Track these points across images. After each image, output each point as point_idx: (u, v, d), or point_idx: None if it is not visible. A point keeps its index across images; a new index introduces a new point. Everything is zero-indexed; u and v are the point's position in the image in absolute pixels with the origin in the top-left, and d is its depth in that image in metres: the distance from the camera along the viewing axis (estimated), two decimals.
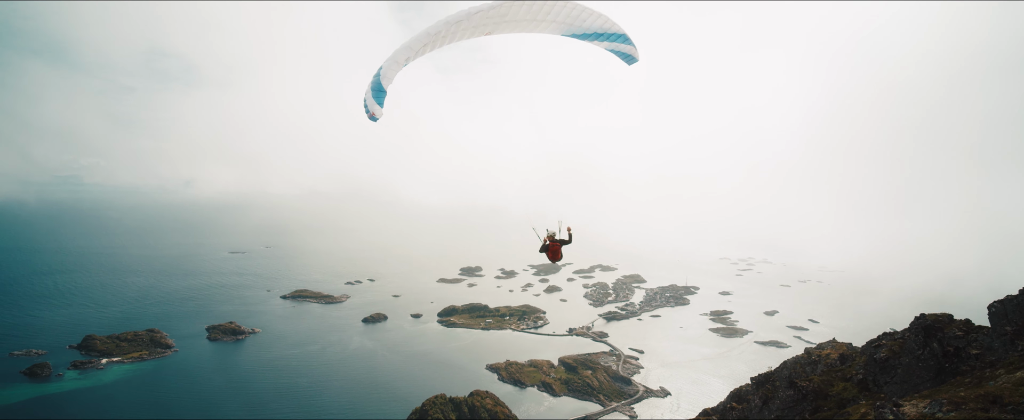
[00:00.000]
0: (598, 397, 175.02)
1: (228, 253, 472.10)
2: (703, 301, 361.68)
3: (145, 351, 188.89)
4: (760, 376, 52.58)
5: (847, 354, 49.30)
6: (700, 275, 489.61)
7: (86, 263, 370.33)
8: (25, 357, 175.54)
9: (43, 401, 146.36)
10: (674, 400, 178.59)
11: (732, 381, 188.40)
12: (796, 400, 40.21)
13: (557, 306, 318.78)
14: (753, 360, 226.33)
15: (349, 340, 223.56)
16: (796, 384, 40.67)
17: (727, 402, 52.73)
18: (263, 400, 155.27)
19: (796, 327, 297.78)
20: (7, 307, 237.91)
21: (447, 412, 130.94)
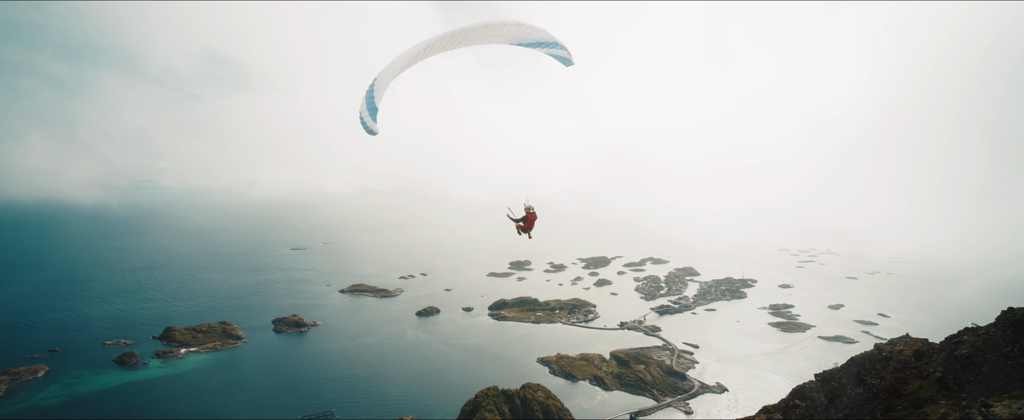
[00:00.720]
0: (652, 392, 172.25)
1: (290, 250, 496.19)
2: (761, 294, 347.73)
3: (218, 342, 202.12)
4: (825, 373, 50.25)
5: (923, 351, 46.27)
6: (758, 267, 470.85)
7: (163, 260, 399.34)
8: (115, 346, 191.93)
9: (132, 387, 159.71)
10: (732, 396, 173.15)
11: (794, 378, 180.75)
12: (866, 398, 38.23)
13: (607, 299, 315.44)
14: (816, 356, 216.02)
15: (404, 333, 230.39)
16: (866, 381, 38.66)
17: (789, 399, 50.66)
18: (326, 389, 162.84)
19: (864, 322, 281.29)
20: (98, 301, 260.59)
21: (499, 404, 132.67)
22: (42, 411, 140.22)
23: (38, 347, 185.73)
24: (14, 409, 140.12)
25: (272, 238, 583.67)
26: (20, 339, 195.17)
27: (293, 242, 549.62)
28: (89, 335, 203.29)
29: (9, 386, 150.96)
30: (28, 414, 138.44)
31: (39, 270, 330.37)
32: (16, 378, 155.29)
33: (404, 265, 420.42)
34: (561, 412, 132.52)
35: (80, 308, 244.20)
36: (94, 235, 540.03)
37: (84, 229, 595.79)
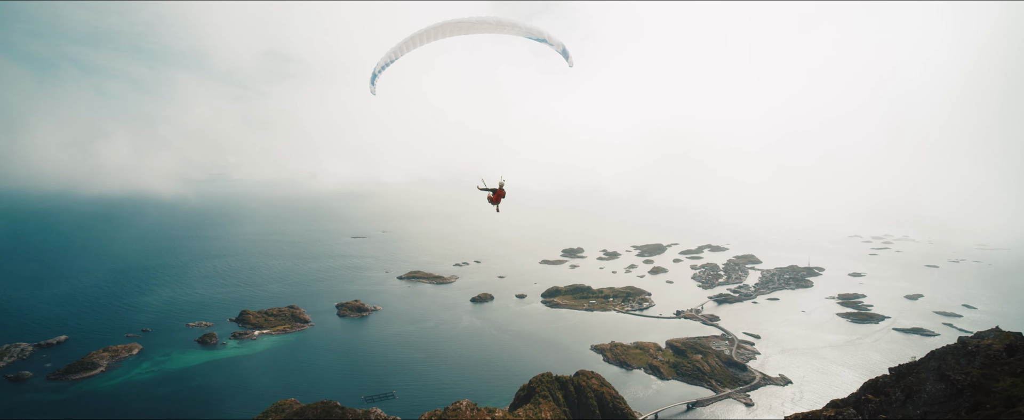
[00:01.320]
0: (710, 382, 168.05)
1: (350, 238, 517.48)
2: (829, 283, 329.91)
3: (288, 325, 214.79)
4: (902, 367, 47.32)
5: (1016, 345, 42.71)
6: (825, 255, 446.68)
7: (236, 248, 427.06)
8: (197, 328, 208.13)
9: (213, 364, 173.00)
10: (796, 389, 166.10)
11: (865, 372, 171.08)
12: (948, 395, 35.80)
13: (663, 288, 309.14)
14: (891, 350, 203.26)
15: (459, 318, 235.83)
16: (948, 377, 36.19)
17: (860, 394, 48.08)
18: (386, 371, 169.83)
19: (946, 313, 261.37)
20: (181, 286, 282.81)
21: (553, 390, 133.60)
22: (139, 385, 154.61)
23: (132, 327, 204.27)
24: (115, 383, 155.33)
25: (334, 227, 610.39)
26: (117, 320, 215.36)
27: (353, 231, 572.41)
28: (175, 317, 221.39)
29: (110, 362, 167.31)
30: (127, 388, 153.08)
31: (129, 258, 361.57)
32: (115, 355, 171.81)
33: (458, 253, 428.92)
34: (615, 400, 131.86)
35: (166, 292, 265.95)
36: (174, 225, 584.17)
37: (166, 220, 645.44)
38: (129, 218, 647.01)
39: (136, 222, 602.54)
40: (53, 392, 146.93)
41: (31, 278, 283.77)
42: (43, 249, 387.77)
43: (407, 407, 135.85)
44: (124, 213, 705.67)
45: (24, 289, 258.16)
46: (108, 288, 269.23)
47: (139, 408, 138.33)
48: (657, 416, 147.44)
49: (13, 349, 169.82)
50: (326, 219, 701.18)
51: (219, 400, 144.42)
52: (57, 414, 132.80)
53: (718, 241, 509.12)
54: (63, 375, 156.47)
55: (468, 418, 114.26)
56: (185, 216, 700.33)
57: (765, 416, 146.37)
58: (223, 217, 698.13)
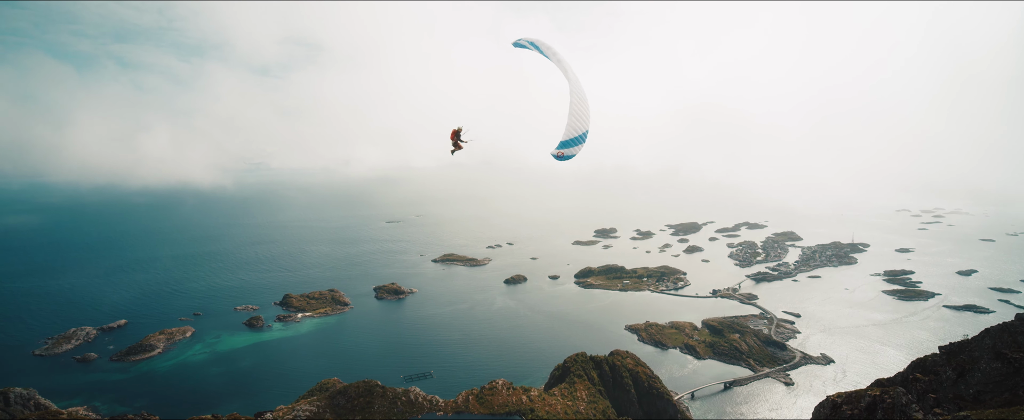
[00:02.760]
0: (748, 362, 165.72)
1: (385, 223, 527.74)
2: (875, 260, 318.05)
3: (329, 307, 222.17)
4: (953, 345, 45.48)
5: None
6: (870, 230, 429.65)
7: (276, 235, 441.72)
8: (244, 311, 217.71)
9: (261, 346, 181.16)
10: (838, 368, 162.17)
11: (912, 351, 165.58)
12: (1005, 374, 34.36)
13: (698, 267, 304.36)
14: (940, 328, 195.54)
15: (493, 300, 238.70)
16: (1005, 355, 34.71)
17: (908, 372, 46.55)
18: (424, 351, 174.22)
19: (1002, 289, 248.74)
20: (227, 271, 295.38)
21: (588, 370, 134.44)
22: (193, 366, 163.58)
23: (184, 311, 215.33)
24: (171, 364, 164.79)
25: (369, 212, 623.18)
26: (170, 304, 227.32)
27: (388, 215, 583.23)
28: (223, 301, 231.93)
29: (166, 344, 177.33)
30: (183, 368, 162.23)
31: (176, 245, 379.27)
32: (170, 337, 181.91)
33: (491, 235, 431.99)
34: (651, 379, 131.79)
35: (213, 277, 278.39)
36: (215, 214, 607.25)
37: (207, 209, 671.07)
38: (172, 208, 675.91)
39: (179, 212, 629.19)
40: (117, 372, 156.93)
41: (89, 266, 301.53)
42: (97, 239, 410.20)
43: (445, 386, 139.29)
44: (167, 203, 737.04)
45: (84, 277, 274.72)
46: (160, 275, 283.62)
47: (195, 387, 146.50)
48: (694, 395, 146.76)
49: (79, 332, 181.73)
50: (361, 205, 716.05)
51: (267, 379, 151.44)
52: (123, 392, 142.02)
53: (755, 218, 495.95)
54: (125, 356, 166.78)
55: (504, 397, 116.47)
56: (225, 205, 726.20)
57: (805, 395, 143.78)
58: (262, 205, 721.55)
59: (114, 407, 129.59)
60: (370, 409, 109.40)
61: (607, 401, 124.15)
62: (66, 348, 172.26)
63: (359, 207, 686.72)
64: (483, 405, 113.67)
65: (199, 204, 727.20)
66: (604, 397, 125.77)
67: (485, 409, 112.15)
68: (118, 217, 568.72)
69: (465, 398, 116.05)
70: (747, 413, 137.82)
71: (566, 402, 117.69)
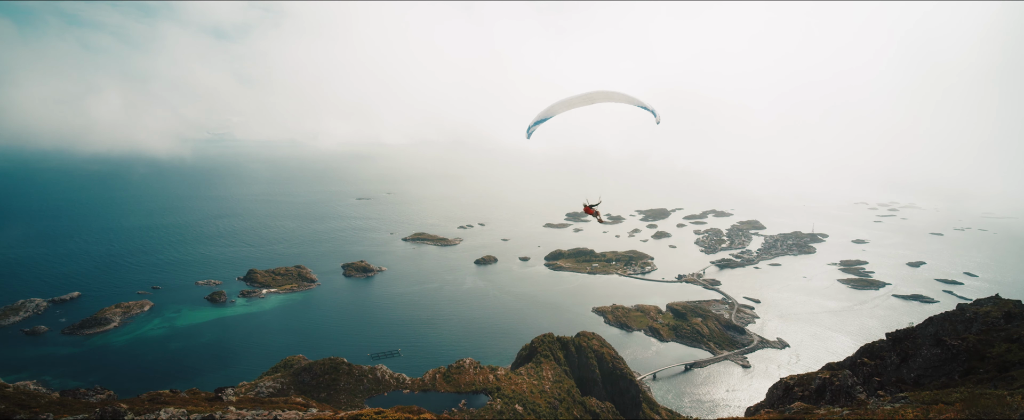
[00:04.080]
0: (708, 345, 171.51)
1: (355, 199, 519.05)
2: (832, 250, 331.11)
3: (295, 284, 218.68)
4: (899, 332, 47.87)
5: (1015, 313, 43.03)
6: (830, 221, 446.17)
7: (240, 209, 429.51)
8: (207, 286, 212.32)
9: (223, 321, 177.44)
10: (793, 352, 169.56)
11: (862, 338, 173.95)
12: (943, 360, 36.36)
13: (666, 252, 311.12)
14: (888, 316, 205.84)
15: (463, 280, 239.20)
16: (944, 342, 36.67)
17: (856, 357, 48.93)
18: (392, 330, 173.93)
19: (947, 280, 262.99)
20: (188, 245, 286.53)
21: (555, 350, 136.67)
22: (152, 340, 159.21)
23: (142, 284, 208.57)
24: (128, 338, 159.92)
25: (339, 188, 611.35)
26: (127, 277, 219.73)
27: (358, 192, 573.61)
28: (183, 275, 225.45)
29: (122, 318, 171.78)
30: (140, 343, 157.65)
31: (132, 216, 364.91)
32: (127, 311, 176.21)
33: (462, 215, 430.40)
34: (615, 360, 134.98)
35: (173, 251, 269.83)
36: (174, 185, 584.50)
37: (165, 179, 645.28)
38: (127, 177, 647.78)
39: (135, 182, 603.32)
40: (69, 346, 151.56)
41: (37, 236, 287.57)
42: (46, 207, 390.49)
43: (412, 365, 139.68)
44: (122, 172, 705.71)
45: (32, 247, 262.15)
46: (115, 246, 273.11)
47: (153, 362, 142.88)
48: (656, 376, 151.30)
49: (28, 304, 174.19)
50: (330, 180, 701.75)
51: (230, 355, 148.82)
52: (75, 366, 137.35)
53: (722, 206, 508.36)
54: (78, 329, 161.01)
55: (471, 376, 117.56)
56: (183, 176, 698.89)
57: (761, 378, 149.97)
58: (224, 177, 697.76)
59: (66, 381, 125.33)
60: (336, 386, 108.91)
61: (572, 381, 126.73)
62: (14, 320, 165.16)
63: (328, 182, 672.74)
64: (450, 383, 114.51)
65: (152, 173, 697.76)
66: (569, 377, 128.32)
67: (452, 387, 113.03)
68: (68, 185, 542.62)
69: (432, 376, 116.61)
70: (705, 394, 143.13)
71: (532, 381, 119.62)
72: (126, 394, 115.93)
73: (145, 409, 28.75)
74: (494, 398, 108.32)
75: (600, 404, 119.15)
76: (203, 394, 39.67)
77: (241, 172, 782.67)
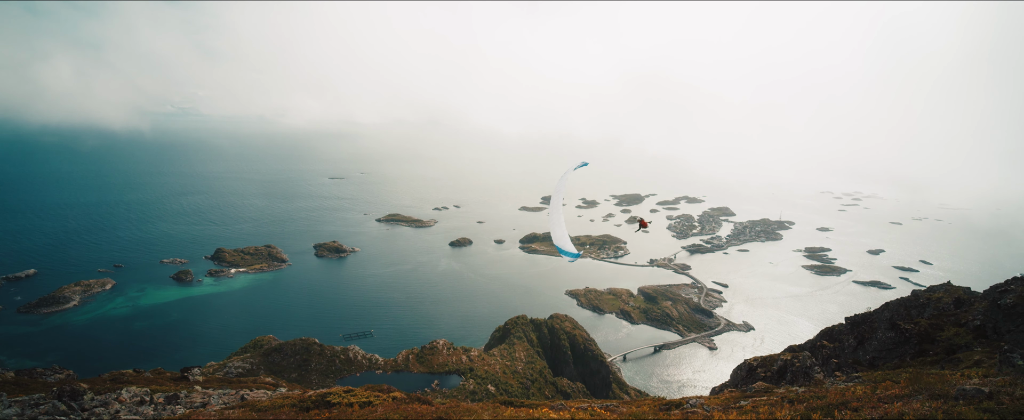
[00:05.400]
0: (677, 327, 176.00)
1: (328, 179, 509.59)
2: (798, 237, 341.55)
3: (264, 263, 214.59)
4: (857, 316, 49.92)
5: (964, 299, 45.24)
6: (797, 210, 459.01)
7: (209, 186, 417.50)
8: (172, 265, 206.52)
9: (189, 301, 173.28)
10: (757, 335, 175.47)
11: (822, 322, 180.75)
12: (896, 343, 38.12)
13: (638, 237, 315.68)
14: (848, 302, 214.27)
15: (437, 262, 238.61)
16: (898, 326, 38.38)
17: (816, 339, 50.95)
18: (364, 311, 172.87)
19: (904, 268, 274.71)
20: (152, 222, 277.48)
21: (528, 332, 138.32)
22: (114, 320, 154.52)
23: (103, 262, 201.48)
24: (89, 317, 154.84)
25: (310, 167, 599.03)
26: (86, 254, 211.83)
27: (330, 171, 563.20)
28: (147, 253, 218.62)
29: (82, 296, 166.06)
30: (102, 322, 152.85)
31: (89, 192, 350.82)
32: (87, 289, 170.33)
33: (438, 197, 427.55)
34: (587, 342, 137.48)
35: (137, 228, 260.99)
36: (134, 161, 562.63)
37: (122, 154, 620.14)
38: (82, 150, 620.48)
39: (86, 155, 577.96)
40: (26, 325, 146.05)
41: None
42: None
43: (385, 346, 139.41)
44: (74, 145, 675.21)
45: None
46: (72, 223, 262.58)
47: (115, 341, 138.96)
48: (626, 357, 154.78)
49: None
50: (300, 159, 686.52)
51: (197, 335, 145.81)
52: (32, 346, 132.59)
53: (694, 193, 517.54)
54: (35, 308, 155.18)
55: (445, 357, 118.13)
56: (144, 150, 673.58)
57: (726, 359, 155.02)
58: (188, 153, 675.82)
59: (22, 361, 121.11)
60: (307, 367, 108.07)
61: (545, 362, 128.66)
62: None
63: (299, 161, 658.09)
64: (423, 364, 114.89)
65: (102, 146, 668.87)
66: (542, 358, 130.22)
67: (425, 368, 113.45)
68: (17, 157, 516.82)
69: (405, 357, 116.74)
70: (673, 375, 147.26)
71: (505, 362, 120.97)
72: (87, 374, 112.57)
73: (106, 388, 27.92)
74: (467, 378, 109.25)
75: (571, 384, 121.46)
76: (168, 374, 38.79)
77: (205, 148, 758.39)
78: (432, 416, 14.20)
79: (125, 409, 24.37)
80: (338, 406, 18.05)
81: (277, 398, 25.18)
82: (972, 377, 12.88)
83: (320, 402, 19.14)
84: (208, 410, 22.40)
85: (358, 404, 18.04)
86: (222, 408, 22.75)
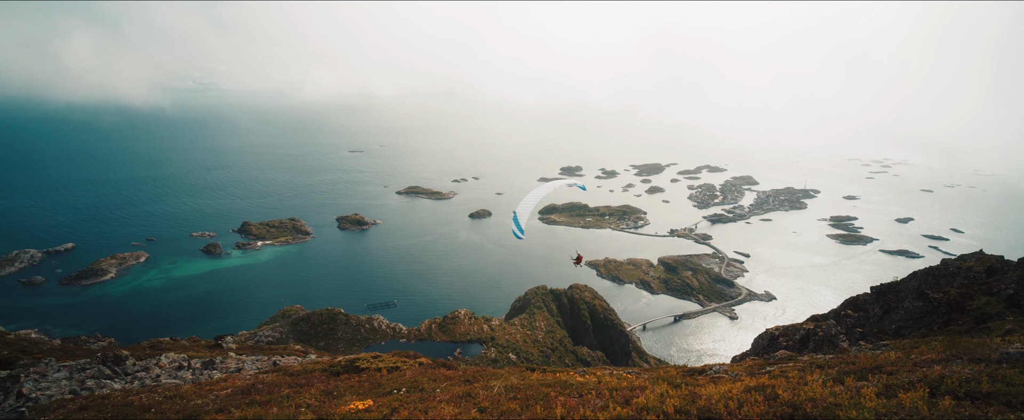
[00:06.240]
0: (697, 297, 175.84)
1: (348, 152, 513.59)
2: (823, 205, 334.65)
3: (289, 236, 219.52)
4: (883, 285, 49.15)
5: (996, 267, 44.04)
6: (822, 178, 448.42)
7: (232, 161, 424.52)
8: (201, 238, 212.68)
9: (219, 273, 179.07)
10: (779, 305, 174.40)
11: (847, 292, 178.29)
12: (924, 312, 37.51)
13: (659, 207, 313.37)
14: (873, 272, 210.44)
15: (457, 233, 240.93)
16: (926, 295, 37.69)
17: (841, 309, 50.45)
18: (387, 282, 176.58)
19: (933, 237, 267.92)
20: (178, 197, 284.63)
21: (548, 302, 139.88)
22: (149, 291, 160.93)
23: (135, 236, 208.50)
24: (126, 289, 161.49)
25: (330, 140, 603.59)
26: (121, 228, 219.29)
27: (350, 144, 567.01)
28: (177, 227, 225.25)
29: (119, 269, 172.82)
30: (138, 294, 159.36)
31: (118, 168, 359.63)
32: (123, 262, 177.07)
33: (456, 168, 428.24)
34: (606, 312, 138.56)
35: (166, 203, 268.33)
36: (158, 137, 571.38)
37: (145, 130, 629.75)
38: (102, 127, 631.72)
39: (110, 132, 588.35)
40: (67, 296, 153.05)
41: (21, 187, 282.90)
42: (23, 157, 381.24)
43: (408, 315, 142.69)
44: (97, 121, 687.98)
45: (18, 197, 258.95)
46: (105, 198, 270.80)
47: (151, 311, 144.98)
48: (645, 327, 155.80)
49: (23, 255, 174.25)
50: (320, 132, 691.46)
51: (227, 306, 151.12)
52: (74, 316, 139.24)
53: (716, 162, 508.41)
54: (75, 280, 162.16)
55: (466, 326, 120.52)
56: (167, 127, 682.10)
57: (747, 329, 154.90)
58: (210, 129, 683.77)
59: (66, 330, 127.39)
60: (333, 335, 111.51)
61: (564, 331, 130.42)
62: (9, 271, 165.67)
63: (318, 135, 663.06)
64: (445, 333, 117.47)
65: (122, 122, 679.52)
66: (562, 327, 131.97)
67: (447, 337, 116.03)
68: (43, 134, 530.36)
69: (428, 327, 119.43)
70: (693, 343, 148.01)
71: (525, 331, 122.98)
72: (127, 342, 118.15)
73: (146, 355, 29.28)
74: (488, 347, 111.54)
75: (591, 353, 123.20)
76: (203, 342, 40.44)
77: (226, 123, 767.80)
78: (461, 379, 14.62)
79: (165, 373, 25.62)
80: (367, 371, 18.69)
81: (308, 363, 26.14)
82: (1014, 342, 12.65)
83: (350, 367, 19.83)
84: (243, 374, 23.40)
85: (386, 369, 18.65)
86: (256, 372, 23.74)
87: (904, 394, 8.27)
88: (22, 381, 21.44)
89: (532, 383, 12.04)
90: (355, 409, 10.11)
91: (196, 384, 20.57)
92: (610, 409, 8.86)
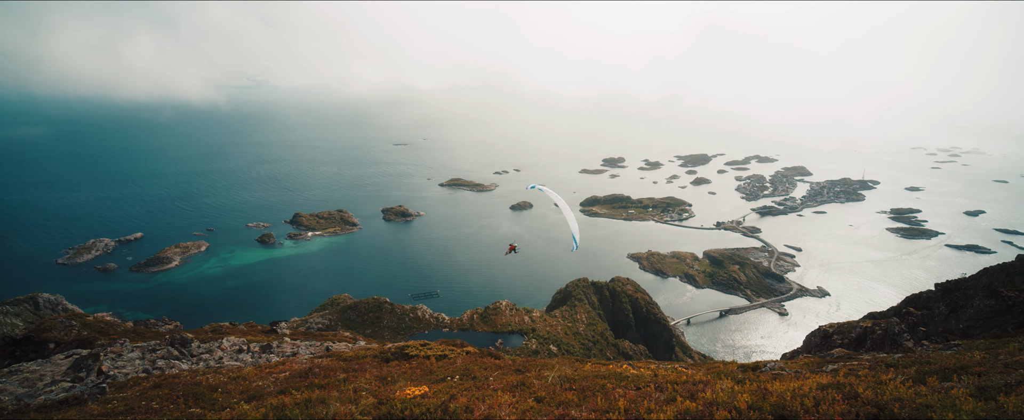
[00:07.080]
0: (745, 292, 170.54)
1: (392, 145, 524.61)
2: (883, 197, 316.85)
3: (338, 227, 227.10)
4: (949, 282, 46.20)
5: None
6: (882, 168, 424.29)
7: (281, 155, 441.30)
8: (256, 228, 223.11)
9: (273, 262, 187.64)
10: (833, 301, 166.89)
11: (908, 289, 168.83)
12: (996, 311, 35.05)
13: (705, 199, 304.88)
14: (938, 268, 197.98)
15: (499, 225, 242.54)
16: (1000, 293, 35.21)
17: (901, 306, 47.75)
18: (430, 272, 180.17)
19: (1007, 230, 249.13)
20: (234, 189, 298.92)
21: (589, 294, 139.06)
22: (209, 279, 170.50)
23: (197, 226, 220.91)
24: (189, 276, 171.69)
25: (375, 134, 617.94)
26: (183, 219, 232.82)
27: (394, 138, 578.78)
28: (234, 218, 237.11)
29: (182, 257, 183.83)
30: (199, 281, 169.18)
31: (179, 162, 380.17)
32: (186, 251, 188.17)
33: (497, 161, 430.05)
34: (649, 305, 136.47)
35: (221, 195, 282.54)
36: (214, 132, 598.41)
37: (202, 126, 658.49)
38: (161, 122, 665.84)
39: (168, 128, 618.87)
40: (137, 282, 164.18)
41: (93, 180, 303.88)
42: (95, 153, 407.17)
43: (450, 305, 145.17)
44: (160, 118, 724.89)
45: (89, 190, 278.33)
46: (168, 190, 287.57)
47: (211, 298, 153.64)
48: (689, 321, 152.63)
49: (98, 244, 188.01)
50: (365, 126, 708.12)
51: (280, 293, 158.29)
52: (143, 301, 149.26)
53: (767, 152, 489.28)
54: (143, 267, 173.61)
55: (507, 317, 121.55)
56: (221, 123, 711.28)
57: (798, 326, 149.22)
58: (261, 124, 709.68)
59: (137, 313, 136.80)
60: (379, 323, 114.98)
61: (606, 324, 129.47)
62: (87, 258, 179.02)
63: (364, 128, 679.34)
64: (487, 324, 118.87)
65: (179, 119, 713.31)
66: (603, 320, 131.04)
67: (489, 327, 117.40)
68: (116, 130, 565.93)
69: (470, 317, 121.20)
70: (740, 339, 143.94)
71: (566, 323, 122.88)
72: (190, 325, 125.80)
73: (209, 338, 31.12)
74: (529, 338, 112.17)
75: (633, 347, 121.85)
76: (259, 327, 42.61)
77: (277, 118, 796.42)
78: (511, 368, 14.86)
79: (227, 356, 27.21)
80: (417, 358, 19.27)
81: (359, 350, 27.15)
82: None
83: (399, 354, 20.49)
84: (299, 358, 24.57)
85: (435, 357, 19.17)
86: (311, 357, 24.88)
87: (1004, 397, 7.88)
88: (102, 359, 23.28)
89: (586, 374, 12.11)
90: (413, 394, 10.48)
91: (256, 367, 21.77)
92: (677, 403, 8.82)
